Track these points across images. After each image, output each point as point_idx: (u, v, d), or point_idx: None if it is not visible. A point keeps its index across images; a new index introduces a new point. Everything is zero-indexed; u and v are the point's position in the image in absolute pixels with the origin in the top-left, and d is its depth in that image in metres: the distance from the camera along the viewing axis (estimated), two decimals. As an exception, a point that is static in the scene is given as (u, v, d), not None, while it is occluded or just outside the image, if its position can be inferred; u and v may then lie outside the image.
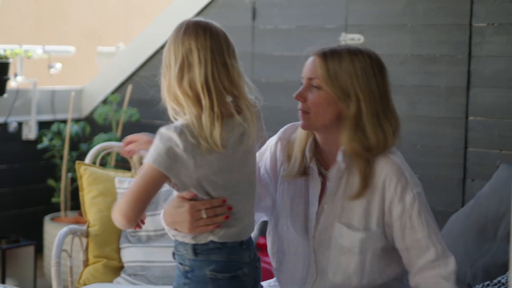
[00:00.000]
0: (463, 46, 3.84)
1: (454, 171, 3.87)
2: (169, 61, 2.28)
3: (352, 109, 2.31)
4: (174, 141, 2.14)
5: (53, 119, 5.14)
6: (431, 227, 2.32)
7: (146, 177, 2.14)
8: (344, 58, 2.32)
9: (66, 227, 3.30)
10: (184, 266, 2.25)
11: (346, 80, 2.30)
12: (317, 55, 2.38)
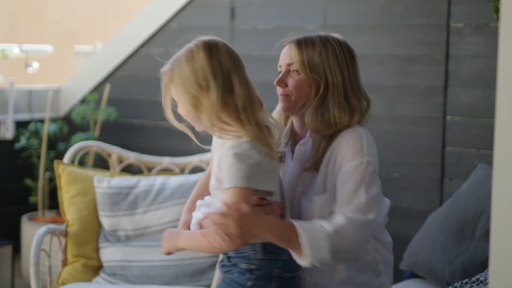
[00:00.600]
0: (441, 46, 3.86)
1: (432, 170, 3.89)
2: (206, 83, 2.32)
3: (322, 89, 2.42)
4: (252, 156, 2.21)
5: (30, 119, 5.11)
6: (365, 191, 2.31)
7: (239, 200, 2.17)
8: (316, 44, 2.46)
9: (44, 227, 3.28)
10: (249, 264, 2.28)
11: (318, 63, 2.43)
12: (293, 42, 2.53)
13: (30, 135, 4.91)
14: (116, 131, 5.07)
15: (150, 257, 3.40)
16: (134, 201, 3.49)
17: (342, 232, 2.24)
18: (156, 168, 3.84)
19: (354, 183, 2.32)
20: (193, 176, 3.58)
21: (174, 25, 4.83)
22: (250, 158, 2.20)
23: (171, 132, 4.85)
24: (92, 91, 5.17)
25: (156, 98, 4.86)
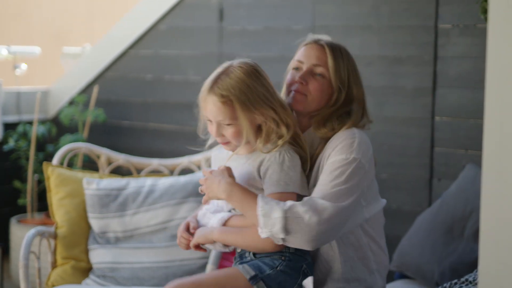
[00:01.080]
0: (429, 47, 3.88)
1: (421, 171, 3.91)
2: (260, 101, 2.46)
3: (342, 99, 2.52)
4: (299, 162, 2.44)
5: (18, 120, 5.10)
6: (338, 183, 2.34)
7: None
8: (344, 53, 2.57)
9: (33, 229, 3.28)
10: (281, 255, 2.41)
11: (345, 73, 2.53)
12: (326, 45, 2.59)
13: (19, 137, 4.90)
14: (105, 132, 5.06)
15: (140, 259, 3.40)
16: (123, 203, 3.49)
17: (297, 212, 2.27)
18: (145, 170, 3.83)
19: (332, 174, 2.35)
20: (183, 178, 3.58)
21: (163, 26, 4.83)
22: (297, 165, 2.42)
23: (160, 133, 4.85)
24: (81, 93, 5.16)
25: (145, 100, 4.87)
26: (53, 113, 5.29)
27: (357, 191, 2.35)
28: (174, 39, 4.79)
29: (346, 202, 2.31)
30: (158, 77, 4.86)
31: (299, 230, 2.26)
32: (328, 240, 2.34)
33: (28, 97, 5.19)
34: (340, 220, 2.30)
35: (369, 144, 2.45)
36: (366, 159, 2.38)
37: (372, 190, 2.46)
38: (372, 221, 2.49)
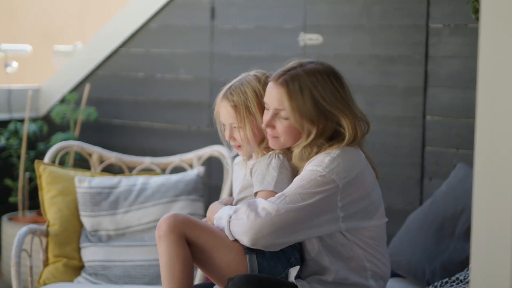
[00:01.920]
0: (420, 47, 3.89)
1: (412, 170, 3.92)
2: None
3: (314, 135, 2.49)
4: (287, 166, 2.62)
5: (9, 118, 5.09)
6: (289, 188, 2.42)
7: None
8: (305, 86, 2.48)
9: (25, 227, 3.28)
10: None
11: (310, 109, 2.47)
12: (282, 85, 2.51)
13: (10, 135, 4.89)
14: (96, 131, 5.06)
15: (132, 257, 3.41)
16: (115, 201, 3.50)
17: (238, 214, 2.40)
18: (137, 168, 3.84)
19: (295, 181, 2.44)
20: (174, 176, 3.59)
21: (154, 25, 4.83)
22: (283, 168, 2.60)
23: (152, 132, 4.85)
24: (72, 91, 5.16)
25: (136, 98, 4.87)
26: (44, 111, 5.28)
27: (312, 199, 2.38)
28: (166, 37, 4.79)
29: (293, 205, 2.37)
30: (150, 76, 4.86)
31: (238, 229, 2.39)
32: (271, 237, 2.37)
33: (19, 95, 5.18)
34: (282, 219, 2.36)
35: (352, 163, 2.45)
36: (339, 176, 2.41)
37: (358, 205, 2.45)
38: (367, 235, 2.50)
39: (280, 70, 2.56)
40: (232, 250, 2.44)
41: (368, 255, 2.50)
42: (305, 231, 2.39)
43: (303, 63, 2.56)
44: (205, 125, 4.61)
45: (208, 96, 4.58)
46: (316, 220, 2.39)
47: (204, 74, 4.63)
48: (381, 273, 2.55)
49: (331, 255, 2.47)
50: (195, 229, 2.42)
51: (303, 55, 4.21)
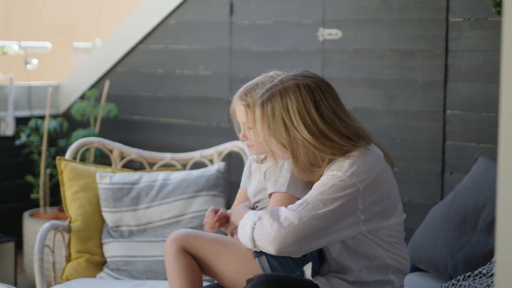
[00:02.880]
0: (440, 41, 3.88)
1: (433, 164, 3.91)
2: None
3: (290, 156, 2.48)
4: None
5: (30, 115, 5.12)
6: (310, 194, 2.41)
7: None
8: (275, 110, 2.46)
9: (48, 223, 3.30)
10: None
11: (281, 129, 2.45)
12: (251, 106, 2.59)
13: (30, 131, 4.92)
14: (116, 127, 5.08)
15: (153, 252, 3.42)
16: (136, 197, 3.51)
17: (261, 222, 2.40)
18: (158, 164, 3.85)
19: (315, 187, 2.43)
20: (195, 172, 3.60)
21: (172, 21, 4.84)
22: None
23: (171, 128, 4.86)
24: (92, 88, 5.18)
25: (155, 94, 4.89)
26: (65, 108, 5.31)
27: (334, 205, 2.37)
28: (185, 33, 4.80)
29: (315, 212, 2.36)
30: (169, 72, 4.88)
31: (262, 238, 2.38)
32: (295, 246, 2.37)
33: (40, 92, 5.20)
34: (305, 227, 2.35)
35: (371, 164, 2.43)
36: (359, 179, 2.39)
37: (378, 206, 2.45)
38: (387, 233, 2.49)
39: (264, 89, 2.52)
40: (236, 256, 2.48)
41: (389, 253, 2.50)
42: (328, 237, 2.39)
43: (283, 80, 2.50)
44: (225, 121, 4.62)
45: (227, 92, 4.59)
46: (338, 225, 2.38)
47: (223, 70, 4.64)
48: (402, 268, 2.55)
49: (353, 255, 2.47)
50: (195, 240, 2.49)
51: (322, 50, 4.21)
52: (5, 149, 5.04)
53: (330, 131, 2.43)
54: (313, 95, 2.45)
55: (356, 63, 4.13)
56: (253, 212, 2.47)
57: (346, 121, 2.47)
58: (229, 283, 2.51)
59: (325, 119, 2.43)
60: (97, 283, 3.25)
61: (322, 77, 2.53)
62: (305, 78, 2.49)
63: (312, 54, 4.27)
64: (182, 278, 2.47)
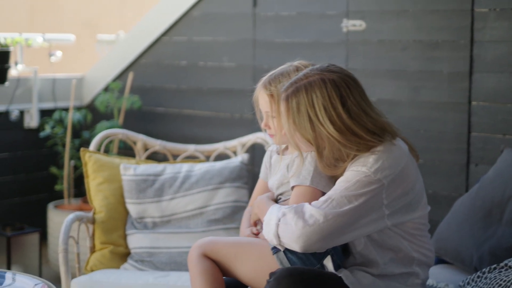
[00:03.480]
0: (465, 32, 3.85)
1: (458, 156, 3.89)
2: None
3: (315, 150, 2.46)
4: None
5: (54, 107, 5.14)
6: (334, 190, 2.39)
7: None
8: (300, 105, 2.42)
9: (72, 214, 3.31)
10: None
11: (306, 125, 2.43)
12: (283, 100, 2.49)
13: (55, 123, 4.94)
14: (139, 119, 5.09)
15: (177, 244, 3.42)
16: (160, 188, 3.52)
17: (286, 219, 2.38)
18: (182, 156, 3.85)
19: (339, 183, 2.41)
20: (219, 163, 3.59)
21: (196, 13, 4.83)
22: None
23: (194, 119, 4.87)
24: (116, 80, 5.19)
25: (179, 86, 4.89)
26: (88, 100, 5.32)
27: (359, 201, 2.35)
28: (208, 25, 4.79)
29: (340, 209, 2.34)
30: (192, 64, 4.87)
31: (287, 235, 2.37)
32: (321, 243, 2.36)
33: (64, 84, 5.22)
34: (330, 225, 2.33)
35: (395, 158, 2.41)
36: (384, 175, 2.37)
37: (403, 200, 2.43)
38: (411, 226, 2.48)
39: (288, 82, 2.49)
40: (254, 254, 2.51)
41: (414, 246, 2.49)
42: (352, 233, 2.38)
43: (308, 74, 2.47)
44: (248, 113, 4.62)
45: (251, 84, 4.58)
46: (363, 220, 2.37)
47: (247, 62, 4.63)
48: (426, 260, 2.54)
49: (379, 248, 2.46)
50: (215, 245, 2.55)
51: (346, 42, 4.19)
52: (30, 141, 5.07)
53: (356, 126, 2.40)
54: (339, 90, 2.41)
55: (380, 55, 4.11)
56: (277, 207, 2.45)
57: (373, 116, 2.44)
58: (250, 282, 2.54)
59: (351, 115, 2.40)
60: (121, 274, 3.26)
61: (348, 71, 2.49)
62: (330, 73, 2.45)
63: (336, 45, 4.25)
64: (203, 281, 2.52)
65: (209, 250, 2.55)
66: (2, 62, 4.61)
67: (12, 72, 4.94)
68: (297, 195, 2.50)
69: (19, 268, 4.33)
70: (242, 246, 2.54)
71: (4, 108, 4.90)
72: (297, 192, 2.50)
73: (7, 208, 4.97)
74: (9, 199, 5.00)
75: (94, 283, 3.19)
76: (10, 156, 4.99)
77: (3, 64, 4.61)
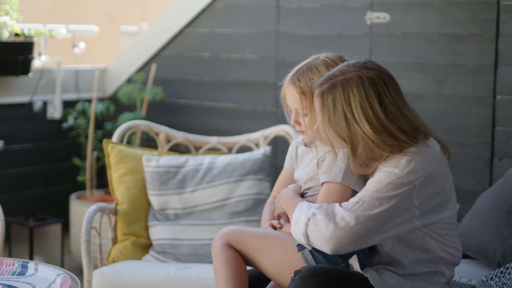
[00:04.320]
0: (491, 25, 3.82)
1: (482, 150, 3.86)
2: None
3: (349, 148, 2.40)
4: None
5: (77, 98, 5.15)
6: (365, 191, 2.35)
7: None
8: (336, 101, 2.36)
9: (94, 205, 3.32)
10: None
11: (341, 123, 2.37)
12: (317, 96, 2.42)
13: (78, 114, 4.96)
14: (162, 110, 5.09)
15: (199, 236, 3.43)
16: (182, 180, 3.52)
17: (316, 220, 2.35)
18: (204, 148, 3.85)
19: (370, 183, 2.37)
20: (241, 156, 3.59)
21: (219, 4, 4.83)
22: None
23: (217, 112, 4.86)
24: (138, 71, 5.20)
25: (202, 78, 4.88)
26: (111, 91, 5.33)
27: (390, 203, 2.31)
28: (231, 17, 4.78)
29: (372, 212, 2.31)
30: (215, 56, 4.87)
31: (317, 236, 2.34)
32: (351, 245, 2.33)
33: (87, 76, 5.24)
34: (361, 228, 2.30)
35: (428, 160, 2.37)
36: (416, 176, 2.33)
37: (433, 201, 2.40)
38: (440, 226, 2.45)
39: (323, 77, 2.43)
40: (278, 249, 2.49)
41: (441, 245, 2.46)
42: (383, 234, 2.34)
43: (344, 70, 2.40)
44: (271, 105, 4.60)
45: (273, 76, 4.57)
46: (394, 222, 2.34)
47: (270, 54, 4.62)
48: (453, 260, 2.51)
49: (406, 248, 2.43)
50: (239, 235, 2.53)
51: (370, 34, 4.17)
52: (53, 132, 5.09)
53: (392, 126, 2.34)
54: (377, 88, 2.35)
55: (404, 47, 4.08)
56: (306, 204, 2.42)
57: (409, 116, 2.38)
58: (273, 276, 2.52)
59: (388, 114, 2.34)
60: (143, 265, 3.27)
61: (385, 68, 2.43)
62: (368, 69, 2.38)
63: (360, 38, 4.23)
64: (226, 271, 2.51)
65: (233, 240, 2.53)
66: (26, 53, 4.62)
67: (35, 63, 4.96)
68: (326, 192, 2.46)
69: (41, 259, 4.35)
70: (267, 239, 2.52)
71: (27, 99, 4.92)
72: (327, 189, 2.46)
73: (30, 198, 5.00)
74: (32, 190, 5.02)
75: (116, 274, 3.20)
76: (33, 147, 5.01)
77: (27, 55, 4.63)
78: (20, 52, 4.59)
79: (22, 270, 2.73)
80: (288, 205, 2.54)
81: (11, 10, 4.53)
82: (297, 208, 2.43)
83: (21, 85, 4.88)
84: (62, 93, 5.08)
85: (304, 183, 2.61)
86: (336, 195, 2.43)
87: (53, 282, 2.59)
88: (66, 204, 5.01)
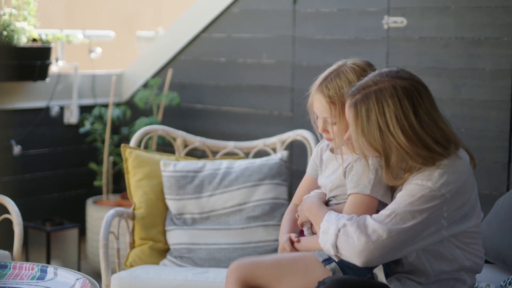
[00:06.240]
0: (509, 29, 3.80)
1: (499, 154, 3.84)
2: None
3: (383, 160, 2.37)
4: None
5: (94, 103, 5.17)
6: (398, 205, 2.32)
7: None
8: (373, 112, 2.32)
9: (112, 209, 3.32)
10: None
11: (375, 134, 2.33)
12: (349, 106, 2.38)
13: (94, 119, 4.97)
14: (178, 115, 5.10)
15: (216, 240, 3.43)
16: (200, 185, 3.52)
17: (347, 231, 2.32)
18: (221, 152, 3.85)
19: (402, 196, 2.34)
20: (258, 160, 3.59)
21: (236, 9, 4.83)
22: (380, 171, 2.48)
23: (233, 116, 4.86)
24: (155, 76, 5.21)
25: (218, 83, 4.89)
26: (127, 96, 5.35)
27: (422, 216, 2.30)
28: (248, 22, 4.79)
29: (404, 225, 2.29)
30: (232, 60, 4.87)
31: (348, 248, 2.31)
32: (382, 258, 2.32)
33: (103, 81, 5.25)
34: (393, 241, 2.28)
35: (459, 172, 2.35)
36: (448, 189, 2.31)
37: (460, 211, 2.38)
38: (465, 235, 2.43)
39: (355, 87, 2.39)
40: (299, 273, 2.46)
41: (467, 254, 2.44)
42: (413, 246, 2.33)
43: (377, 80, 2.36)
44: (287, 110, 4.60)
45: (290, 80, 4.57)
46: (423, 234, 2.32)
47: (286, 58, 4.62)
48: (476, 268, 2.49)
49: (431, 258, 2.42)
50: (255, 270, 2.49)
51: (386, 39, 4.16)
52: (70, 136, 5.10)
53: (427, 137, 2.31)
54: (411, 98, 2.31)
55: (421, 52, 4.07)
56: (335, 215, 2.39)
57: (442, 126, 2.36)
58: None
59: (423, 125, 2.31)
60: (160, 270, 3.27)
61: (418, 77, 2.40)
62: (401, 79, 2.34)
63: (377, 42, 4.22)
64: None
65: (249, 277, 2.49)
66: (43, 58, 4.64)
67: (53, 69, 4.99)
68: (354, 203, 2.43)
69: (58, 263, 4.37)
70: (285, 266, 2.48)
71: (44, 104, 4.94)
72: (354, 200, 2.43)
73: (47, 203, 5.01)
74: (49, 195, 5.04)
75: (133, 279, 3.20)
76: (50, 151, 5.03)
77: (44, 60, 4.65)
78: (38, 57, 4.61)
79: (41, 274, 2.74)
80: (314, 214, 2.51)
81: (29, 16, 4.55)
82: (325, 218, 2.40)
83: (39, 90, 4.90)
84: (79, 98, 5.10)
85: (330, 191, 2.58)
86: (363, 207, 2.40)
87: (73, 286, 2.60)
88: (82, 208, 5.02)
